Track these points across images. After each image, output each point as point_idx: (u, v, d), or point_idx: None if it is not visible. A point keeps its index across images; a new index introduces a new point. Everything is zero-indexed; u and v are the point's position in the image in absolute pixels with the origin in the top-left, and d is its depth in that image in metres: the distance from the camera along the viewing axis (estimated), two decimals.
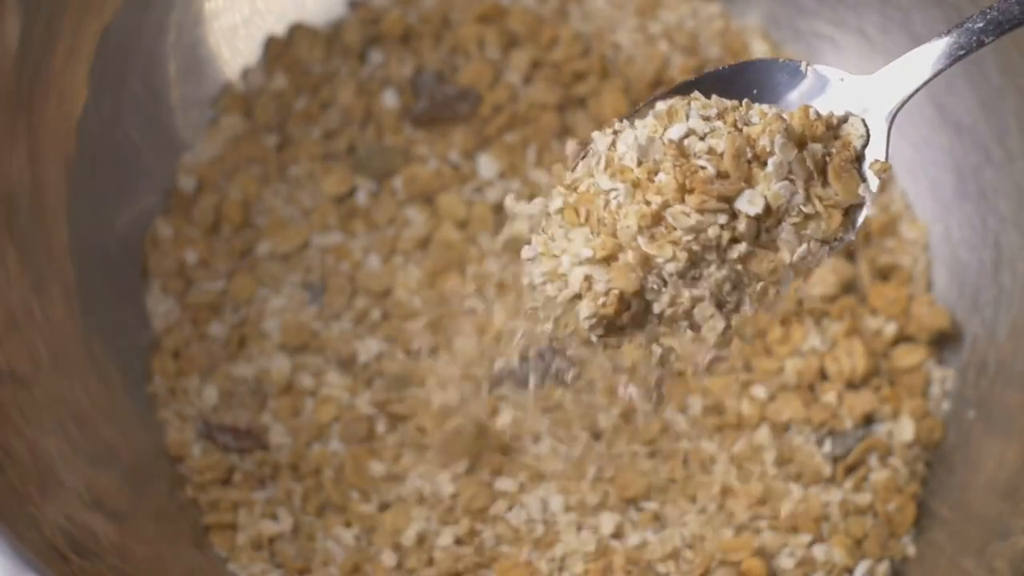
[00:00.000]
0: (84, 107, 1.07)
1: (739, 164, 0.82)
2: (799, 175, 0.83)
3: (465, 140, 1.13)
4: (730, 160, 0.82)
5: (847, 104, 0.86)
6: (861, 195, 0.85)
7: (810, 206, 0.83)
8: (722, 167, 0.82)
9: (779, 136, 0.83)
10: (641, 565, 1.02)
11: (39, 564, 0.86)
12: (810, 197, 0.83)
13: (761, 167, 0.82)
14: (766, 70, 0.88)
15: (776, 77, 0.88)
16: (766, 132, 0.83)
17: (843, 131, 0.86)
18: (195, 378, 1.08)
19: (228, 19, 1.16)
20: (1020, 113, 1.06)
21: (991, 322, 1.07)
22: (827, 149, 0.84)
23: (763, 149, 0.83)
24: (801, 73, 0.88)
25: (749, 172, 0.82)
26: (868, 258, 1.10)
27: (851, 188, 0.84)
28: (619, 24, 1.17)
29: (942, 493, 1.05)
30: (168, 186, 1.13)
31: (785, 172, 0.83)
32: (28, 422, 0.97)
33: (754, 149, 0.83)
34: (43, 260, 1.03)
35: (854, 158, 0.85)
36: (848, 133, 0.86)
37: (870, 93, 0.86)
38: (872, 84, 0.87)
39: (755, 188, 0.82)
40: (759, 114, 0.84)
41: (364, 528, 1.04)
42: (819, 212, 0.83)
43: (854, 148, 0.85)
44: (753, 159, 0.83)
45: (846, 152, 0.85)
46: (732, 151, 0.82)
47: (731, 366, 1.07)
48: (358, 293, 1.10)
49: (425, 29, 1.17)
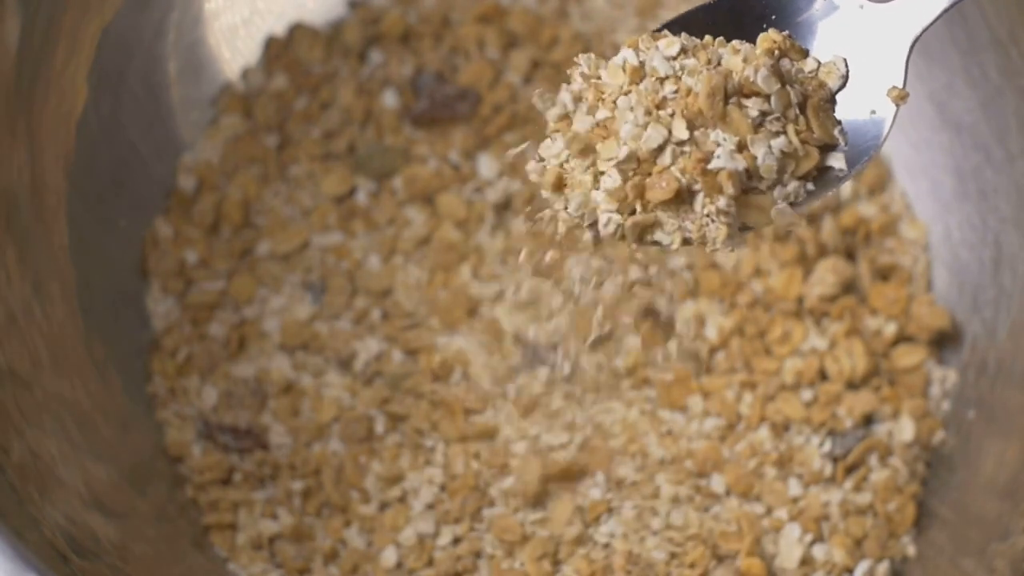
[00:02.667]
0: (84, 107, 1.07)
1: (713, 103, 0.82)
2: (779, 109, 0.83)
3: (465, 140, 1.13)
4: (704, 99, 0.82)
5: (865, 30, 0.86)
6: (836, 136, 0.85)
7: (788, 143, 0.83)
8: (694, 106, 0.82)
9: (763, 69, 0.82)
10: (641, 565, 1.02)
11: (39, 564, 0.86)
12: (787, 134, 0.83)
13: (738, 107, 0.82)
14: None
15: (795, 2, 0.87)
16: (751, 64, 0.83)
17: (821, 71, 0.86)
18: (195, 378, 1.08)
19: (228, 19, 1.16)
20: (1020, 113, 1.06)
21: (991, 322, 1.07)
22: (804, 88, 0.84)
23: (746, 80, 0.82)
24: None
25: (723, 111, 0.82)
26: (868, 258, 1.10)
27: (827, 128, 0.84)
28: (619, 24, 1.17)
29: (942, 493, 1.05)
30: (168, 186, 1.13)
31: (773, 108, 0.83)
32: (28, 422, 0.97)
33: (734, 83, 0.83)
34: (43, 260, 1.03)
35: (829, 98, 0.85)
36: (828, 72, 0.86)
37: (890, 20, 0.86)
38: (892, 11, 0.86)
39: (731, 135, 0.82)
40: (731, 51, 0.84)
41: (364, 528, 1.04)
42: (796, 149, 0.83)
43: (829, 88, 0.85)
44: (735, 93, 0.83)
45: (822, 91, 0.85)
46: (707, 89, 0.82)
47: (731, 366, 1.07)
48: (358, 293, 1.10)
49: (425, 29, 1.17)
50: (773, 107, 0.83)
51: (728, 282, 1.09)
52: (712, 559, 1.02)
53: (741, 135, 0.82)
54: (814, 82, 0.85)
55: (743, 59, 0.83)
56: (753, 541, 1.02)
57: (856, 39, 0.86)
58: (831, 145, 0.84)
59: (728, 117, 0.82)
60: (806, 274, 1.09)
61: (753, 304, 1.09)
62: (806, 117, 0.83)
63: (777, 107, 0.83)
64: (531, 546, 1.02)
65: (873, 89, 0.86)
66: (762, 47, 0.84)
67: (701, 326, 1.08)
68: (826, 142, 0.84)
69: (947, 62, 1.09)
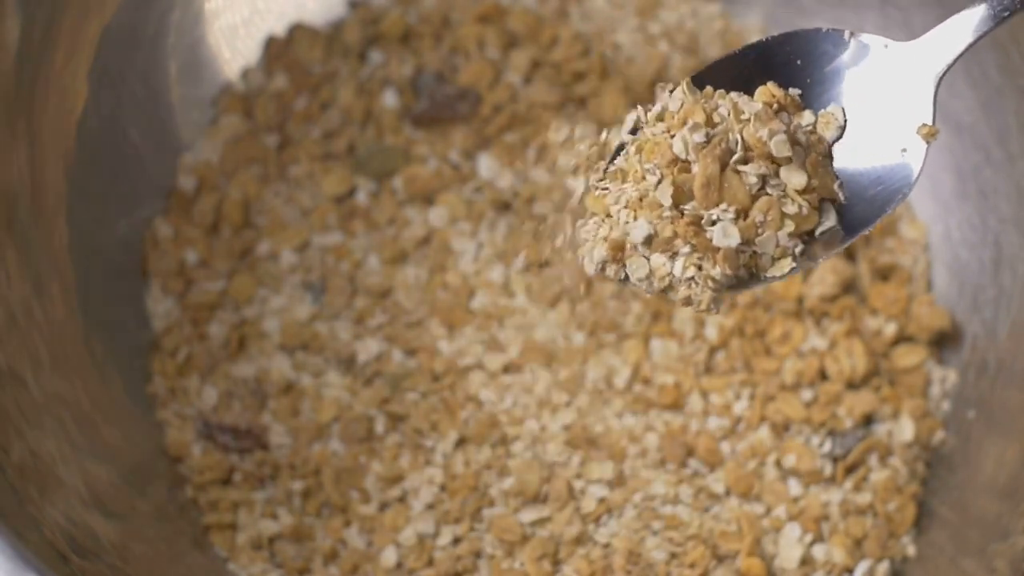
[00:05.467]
0: (84, 107, 1.07)
1: (708, 194, 0.83)
2: (789, 176, 0.84)
3: (465, 140, 1.13)
4: (700, 190, 0.83)
5: (892, 69, 0.86)
6: (836, 192, 0.85)
7: (792, 205, 0.84)
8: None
9: (780, 135, 0.83)
10: (641, 565, 1.02)
11: (39, 564, 0.86)
12: (787, 193, 0.84)
13: (736, 173, 0.83)
14: (811, 40, 0.88)
15: (821, 47, 0.88)
16: (764, 126, 0.83)
17: (819, 121, 0.86)
18: (195, 378, 1.08)
19: (228, 19, 1.16)
20: (1020, 113, 1.06)
21: (991, 322, 1.07)
22: (805, 144, 0.85)
23: (758, 142, 0.83)
24: (845, 42, 0.87)
25: (720, 184, 0.83)
26: (868, 258, 1.10)
27: (828, 184, 0.85)
28: (619, 24, 1.17)
29: (942, 493, 1.05)
30: (168, 186, 1.13)
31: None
32: (28, 422, 0.97)
33: (736, 150, 0.83)
34: (43, 260, 1.03)
35: (828, 152, 0.86)
36: (827, 123, 0.86)
37: (915, 58, 0.86)
38: (917, 49, 0.86)
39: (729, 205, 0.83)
40: (731, 107, 0.85)
41: (364, 528, 1.04)
42: (801, 208, 0.84)
43: (827, 143, 0.86)
44: (738, 160, 0.83)
45: (821, 146, 0.85)
46: (703, 180, 0.83)
47: (731, 366, 1.07)
48: (358, 293, 1.10)
49: (425, 29, 1.16)
50: (786, 177, 0.83)
51: None
52: (712, 559, 1.02)
53: (740, 204, 0.83)
54: (813, 137, 0.85)
55: (749, 119, 0.83)
56: (753, 541, 1.02)
57: (882, 79, 0.86)
58: (829, 200, 0.85)
59: (727, 184, 0.83)
60: (806, 274, 1.09)
61: (753, 304, 1.09)
62: (806, 174, 0.84)
63: (794, 175, 0.83)
64: (531, 546, 1.02)
65: (902, 128, 0.86)
66: (761, 100, 0.85)
67: (701, 326, 1.08)
68: (826, 198, 0.85)
69: None
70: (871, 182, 0.86)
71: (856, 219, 0.86)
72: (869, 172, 0.86)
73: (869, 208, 0.86)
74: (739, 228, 0.83)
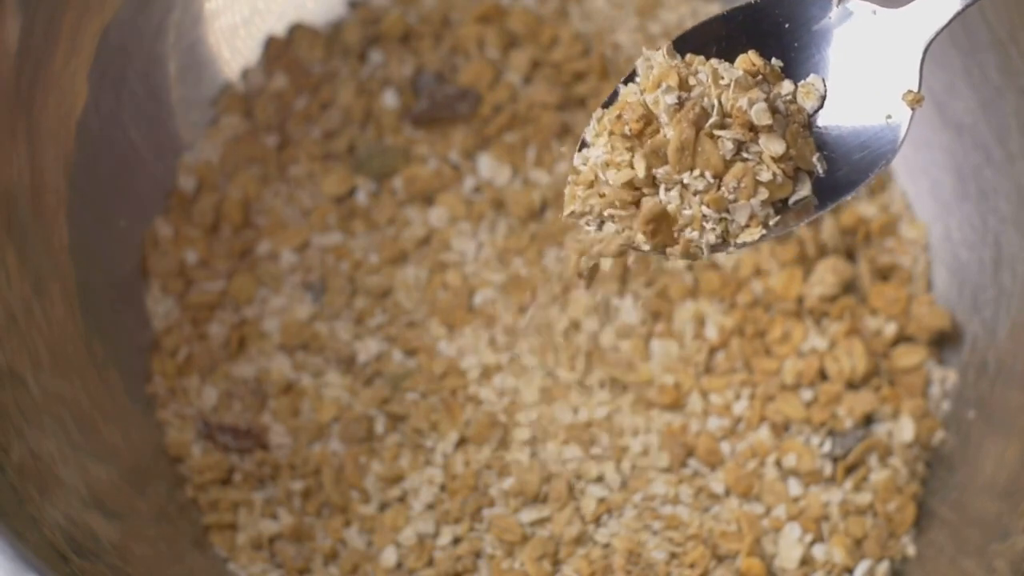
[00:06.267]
0: (84, 107, 1.07)
1: (682, 158, 0.83)
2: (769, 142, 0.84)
3: (465, 140, 1.13)
4: (674, 153, 0.83)
5: (879, 35, 0.86)
6: (814, 164, 0.85)
7: (766, 172, 0.84)
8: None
9: (760, 103, 0.83)
10: (641, 565, 1.02)
11: (39, 564, 0.86)
12: (763, 160, 0.84)
13: (711, 138, 0.83)
14: (799, 4, 0.88)
15: (809, 11, 0.87)
16: (745, 94, 0.83)
17: (799, 91, 0.86)
18: (195, 378, 1.08)
19: (228, 19, 1.16)
20: (1020, 113, 1.06)
21: (991, 322, 1.07)
22: (787, 109, 0.85)
23: (738, 111, 0.83)
24: (832, 5, 0.87)
25: (695, 149, 0.83)
26: (868, 258, 1.10)
27: (806, 155, 0.85)
28: (619, 24, 1.17)
29: (942, 493, 1.05)
30: (168, 186, 1.13)
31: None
32: (28, 422, 0.97)
33: (713, 115, 0.83)
34: (43, 260, 1.03)
35: (807, 123, 0.86)
36: (807, 92, 0.86)
37: (903, 25, 0.86)
38: (904, 16, 0.86)
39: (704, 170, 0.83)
40: (711, 72, 0.85)
41: (364, 528, 1.04)
42: (776, 176, 0.84)
43: (806, 112, 0.86)
44: (714, 125, 0.83)
45: (800, 116, 0.85)
46: (677, 143, 0.83)
47: (731, 366, 1.07)
48: (358, 293, 1.10)
49: (425, 29, 1.16)
50: (764, 144, 0.83)
51: (728, 282, 1.09)
52: (712, 559, 1.02)
53: (713, 170, 0.83)
54: (792, 106, 0.85)
55: (728, 84, 0.83)
56: (753, 541, 1.02)
57: (870, 45, 0.86)
58: (805, 171, 0.85)
59: (700, 149, 0.83)
60: (806, 274, 1.09)
61: (753, 304, 1.09)
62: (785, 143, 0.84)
63: (772, 143, 0.83)
64: (531, 546, 1.02)
65: (888, 94, 0.86)
66: (741, 67, 0.85)
67: (701, 326, 1.08)
68: (802, 168, 0.85)
69: (947, 62, 1.09)
70: (857, 146, 0.86)
71: (840, 182, 0.86)
72: (855, 135, 0.86)
73: (854, 171, 0.86)
74: (709, 198, 0.83)
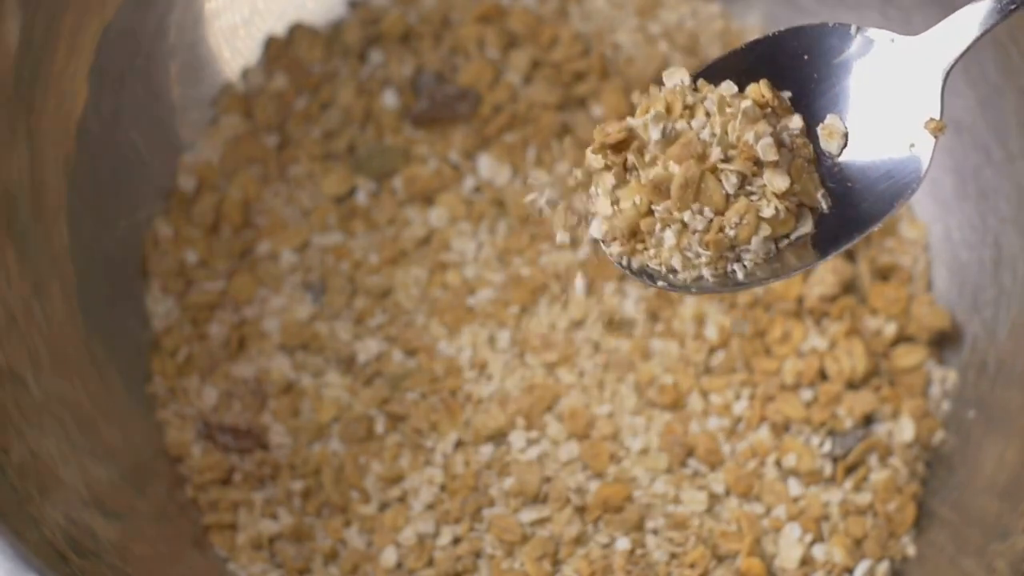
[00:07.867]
0: (84, 107, 1.07)
1: (685, 195, 0.83)
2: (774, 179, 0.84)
3: (465, 140, 1.13)
4: (676, 190, 0.83)
5: (898, 64, 0.86)
6: (819, 200, 0.85)
7: (768, 207, 0.84)
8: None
9: (767, 137, 0.83)
10: (641, 565, 1.02)
11: (39, 564, 0.86)
12: (765, 194, 0.84)
13: (714, 174, 0.84)
14: (817, 35, 0.88)
15: (827, 42, 0.88)
16: (753, 127, 0.83)
17: (822, 133, 0.86)
18: (195, 378, 1.08)
19: (228, 19, 1.16)
20: (1020, 113, 1.06)
21: (991, 322, 1.07)
22: (791, 148, 0.85)
23: (745, 145, 0.83)
24: (851, 36, 0.87)
25: (698, 186, 0.84)
26: (868, 258, 1.10)
27: (810, 191, 0.85)
28: (619, 24, 1.17)
29: (942, 493, 1.05)
30: (168, 186, 1.13)
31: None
32: (28, 422, 0.97)
33: (726, 144, 0.84)
34: (43, 260, 1.03)
35: (812, 158, 0.86)
36: (830, 134, 0.86)
37: (921, 53, 0.86)
38: (923, 44, 0.86)
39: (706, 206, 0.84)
40: (716, 97, 0.85)
41: (364, 528, 1.04)
42: (779, 212, 0.84)
43: (811, 148, 0.86)
44: (718, 157, 0.84)
45: (806, 151, 0.85)
46: (682, 180, 0.83)
47: (731, 366, 1.07)
48: (358, 293, 1.10)
49: (425, 29, 1.16)
50: (769, 179, 0.84)
51: None
52: (712, 559, 1.02)
53: (715, 207, 0.83)
54: (799, 140, 0.85)
55: (735, 114, 0.84)
56: (753, 541, 1.02)
57: (889, 73, 0.86)
58: (808, 207, 0.85)
59: (703, 186, 0.83)
60: (806, 274, 1.09)
61: (753, 304, 1.09)
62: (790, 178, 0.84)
63: (776, 178, 0.84)
64: (531, 546, 1.02)
65: (910, 123, 0.86)
66: (751, 96, 0.85)
67: (701, 326, 1.08)
68: (805, 204, 0.85)
69: None
70: (881, 176, 0.86)
71: (866, 213, 0.86)
72: (878, 167, 0.86)
73: (879, 202, 0.86)
74: (709, 238, 0.84)
